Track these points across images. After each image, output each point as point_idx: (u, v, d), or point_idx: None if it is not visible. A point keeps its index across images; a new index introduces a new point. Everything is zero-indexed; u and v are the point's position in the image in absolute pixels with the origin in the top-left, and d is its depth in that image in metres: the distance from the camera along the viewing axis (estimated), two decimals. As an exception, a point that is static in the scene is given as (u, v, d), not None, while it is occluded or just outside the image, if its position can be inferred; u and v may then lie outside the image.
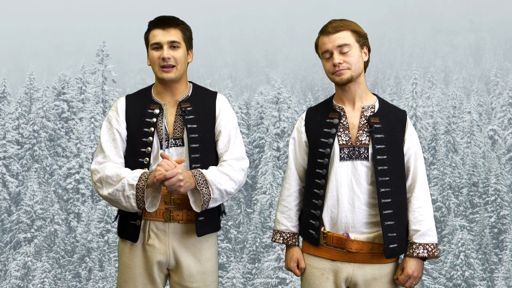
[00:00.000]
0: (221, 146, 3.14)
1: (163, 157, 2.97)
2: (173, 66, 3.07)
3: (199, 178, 2.98)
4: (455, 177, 47.08)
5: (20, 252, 41.42)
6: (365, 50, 3.07)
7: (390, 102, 3.24)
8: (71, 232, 44.76)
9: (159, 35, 3.08)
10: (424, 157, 50.33)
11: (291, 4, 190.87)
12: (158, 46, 3.08)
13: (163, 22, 3.10)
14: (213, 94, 3.21)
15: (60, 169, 49.58)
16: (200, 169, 3.02)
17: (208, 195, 2.98)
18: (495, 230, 43.85)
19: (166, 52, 3.05)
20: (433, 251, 2.99)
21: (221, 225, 3.34)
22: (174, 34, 3.09)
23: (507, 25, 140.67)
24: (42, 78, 56.12)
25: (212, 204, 3.03)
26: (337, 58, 2.98)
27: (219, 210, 3.22)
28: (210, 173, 3.01)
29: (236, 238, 43.62)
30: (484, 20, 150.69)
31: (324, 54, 3.03)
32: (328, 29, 3.02)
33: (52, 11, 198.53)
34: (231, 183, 3.05)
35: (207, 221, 3.12)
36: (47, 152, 50.28)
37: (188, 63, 3.16)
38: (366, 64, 3.09)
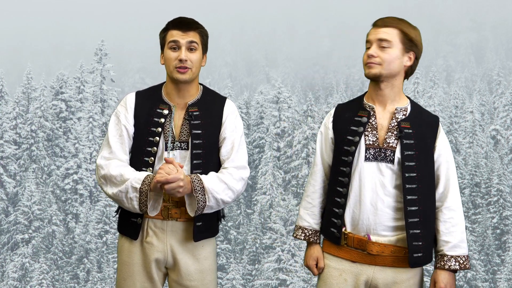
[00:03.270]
0: (224, 153, 3.16)
1: (167, 161, 2.98)
2: (189, 68, 3.10)
3: (197, 184, 3.00)
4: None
5: (18, 253, 41.48)
6: (411, 55, 3.02)
7: (423, 107, 3.08)
8: (69, 233, 44.73)
9: (178, 36, 3.11)
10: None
11: (291, 4, 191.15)
12: (176, 47, 3.11)
13: (183, 23, 3.13)
14: (222, 100, 3.24)
15: (58, 169, 49.48)
16: (199, 175, 3.04)
17: (203, 202, 3.00)
18: (498, 231, 43.88)
19: (184, 53, 3.09)
20: (465, 263, 2.95)
21: (221, 226, 3.07)
22: (193, 36, 3.13)
23: (509, 24, 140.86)
24: (40, 77, 55.83)
25: (206, 211, 3.05)
26: (373, 50, 2.97)
27: (218, 215, 3.23)
28: (209, 180, 3.03)
29: (236, 239, 43.52)
30: (486, 19, 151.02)
31: (366, 44, 3.03)
32: (378, 22, 3.03)
33: (52, 11, 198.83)
34: (229, 192, 3.06)
35: (204, 227, 3.14)
36: (45, 152, 50.19)
37: (201, 66, 3.20)
38: (409, 70, 3.04)
